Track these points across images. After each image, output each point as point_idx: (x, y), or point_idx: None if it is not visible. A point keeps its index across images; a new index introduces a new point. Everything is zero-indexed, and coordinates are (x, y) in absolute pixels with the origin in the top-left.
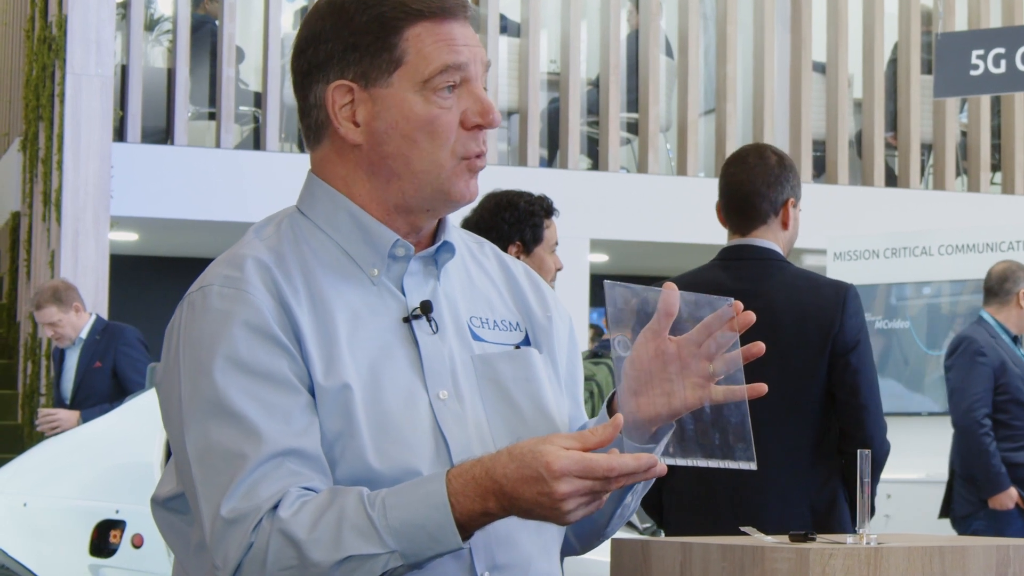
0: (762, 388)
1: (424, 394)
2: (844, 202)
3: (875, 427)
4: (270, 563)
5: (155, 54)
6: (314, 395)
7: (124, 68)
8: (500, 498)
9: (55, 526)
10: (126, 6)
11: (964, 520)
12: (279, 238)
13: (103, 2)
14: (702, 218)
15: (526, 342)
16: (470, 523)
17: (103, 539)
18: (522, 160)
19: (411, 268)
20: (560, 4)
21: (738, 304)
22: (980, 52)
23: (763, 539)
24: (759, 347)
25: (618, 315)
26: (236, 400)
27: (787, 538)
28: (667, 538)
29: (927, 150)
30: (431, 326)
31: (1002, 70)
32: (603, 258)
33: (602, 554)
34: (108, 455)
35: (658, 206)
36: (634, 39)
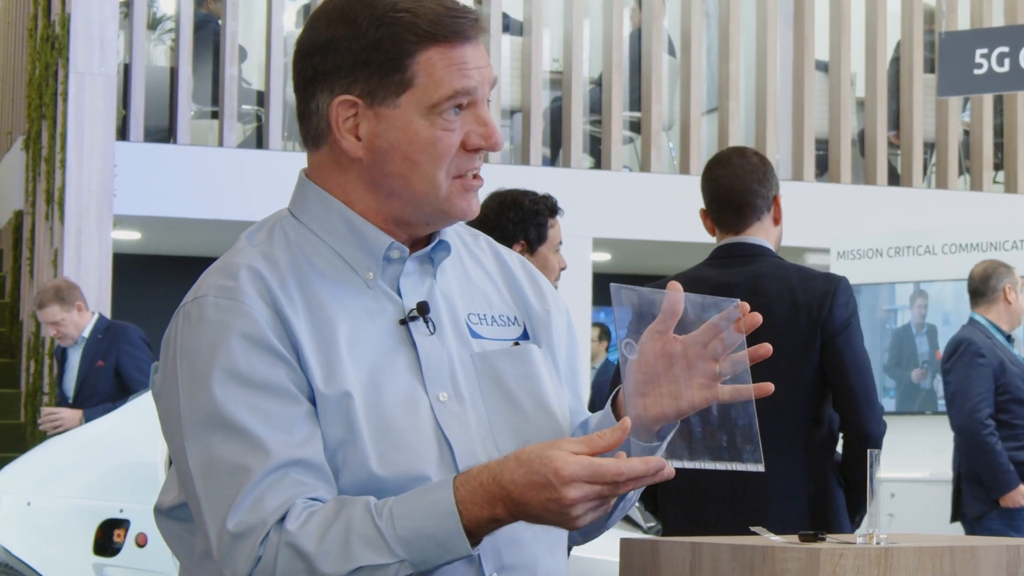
0: (768, 387)
1: (424, 397)
2: (847, 201)
3: (869, 408)
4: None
5: (158, 53)
6: (314, 403)
7: (127, 67)
8: (508, 504)
9: (59, 525)
10: (129, 5)
11: (977, 521)
12: (272, 243)
13: (106, 1)
14: None
15: (524, 336)
16: (478, 529)
17: (107, 538)
18: (524, 159)
19: (407, 269)
20: (563, 3)
21: (744, 305)
22: (984, 51)
23: (773, 539)
24: (766, 348)
25: (624, 318)
26: (236, 413)
27: (797, 538)
28: (677, 538)
29: (930, 149)
30: (428, 327)
31: (1006, 69)
32: (606, 257)
33: (610, 554)
34: (112, 454)
35: (661, 205)
36: (637, 38)
